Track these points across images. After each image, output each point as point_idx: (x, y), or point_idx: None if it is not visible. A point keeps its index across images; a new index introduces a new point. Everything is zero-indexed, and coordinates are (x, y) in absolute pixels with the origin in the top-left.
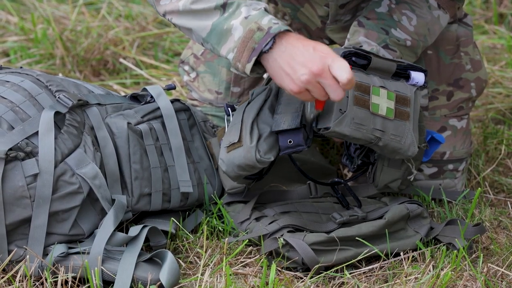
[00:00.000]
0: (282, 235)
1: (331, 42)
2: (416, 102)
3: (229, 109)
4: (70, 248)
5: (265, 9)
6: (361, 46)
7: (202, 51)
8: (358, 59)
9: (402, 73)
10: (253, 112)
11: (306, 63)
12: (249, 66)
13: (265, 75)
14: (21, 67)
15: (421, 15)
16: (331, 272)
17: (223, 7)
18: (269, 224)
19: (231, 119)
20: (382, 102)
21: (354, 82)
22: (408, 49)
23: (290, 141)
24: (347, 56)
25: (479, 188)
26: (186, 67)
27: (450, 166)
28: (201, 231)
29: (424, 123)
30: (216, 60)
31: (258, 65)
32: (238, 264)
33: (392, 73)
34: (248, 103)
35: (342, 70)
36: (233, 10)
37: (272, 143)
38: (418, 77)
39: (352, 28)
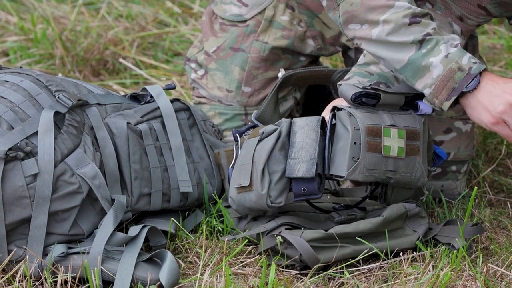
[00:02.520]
0: (280, 232)
1: (344, 51)
2: (425, 131)
3: (237, 135)
4: (69, 248)
5: (461, 44)
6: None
7: (215, 49)
8: (368, 99)
9: (410, 103)
10: (264, 156)
11: (503, 94)
12: (447, 104)
13: (279, 74)
14: (20, 67)
15: None
16: (330, 272)
17: (421, 42)
18: (267, 222)
19: (239, 147)
20: (393, 142)
21: None
22: None
23: (304, 189)
24: (357, 97)
25: (475, 187)
26: (193, 65)
27: (453, 168)
28: (200, 231)
29: (431, 139)
30: (229, 59)
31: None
32: (237, 264)
33: (401, 105)
34: (259, 141)
35: None
36: (431, 46)
37: (283, 186)
38: (426, 107)
39: None
